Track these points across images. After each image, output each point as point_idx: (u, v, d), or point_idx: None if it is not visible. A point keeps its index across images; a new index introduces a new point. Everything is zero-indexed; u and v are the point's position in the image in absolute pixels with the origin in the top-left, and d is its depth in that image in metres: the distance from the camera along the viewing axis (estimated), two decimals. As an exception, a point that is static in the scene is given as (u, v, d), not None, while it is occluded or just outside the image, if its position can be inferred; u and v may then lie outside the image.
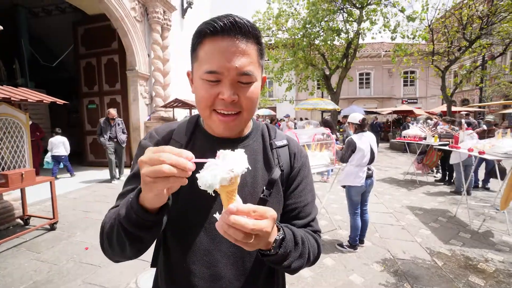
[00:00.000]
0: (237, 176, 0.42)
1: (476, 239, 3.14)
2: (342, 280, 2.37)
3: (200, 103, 0.58)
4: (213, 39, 0.54)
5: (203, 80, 0.56)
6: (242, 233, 0.42)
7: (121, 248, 0.54)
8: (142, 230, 0.50)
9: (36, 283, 2.30)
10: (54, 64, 8.27)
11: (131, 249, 0.54)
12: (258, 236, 0.44)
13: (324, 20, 9.66)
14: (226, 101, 0.55)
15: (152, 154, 0.42)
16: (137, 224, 0.49)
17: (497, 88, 14.48)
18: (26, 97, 3.02)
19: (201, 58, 0.56)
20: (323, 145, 3.42)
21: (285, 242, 0.53)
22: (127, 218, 0.49)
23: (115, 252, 0.57)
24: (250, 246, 0.45)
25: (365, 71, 21.36)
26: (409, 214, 3.99)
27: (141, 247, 0.55)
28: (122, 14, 6.37)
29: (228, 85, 0.54)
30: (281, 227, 0.54)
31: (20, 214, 3.50)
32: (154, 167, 0.40)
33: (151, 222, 0.50)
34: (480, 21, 9.18)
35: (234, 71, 0.54)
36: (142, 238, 0.52)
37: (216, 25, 0.53)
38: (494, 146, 3.35)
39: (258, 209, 0.44)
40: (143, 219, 0.48)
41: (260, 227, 0.43)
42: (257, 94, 0.59)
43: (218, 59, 0.53)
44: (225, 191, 0.43)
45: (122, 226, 0.50)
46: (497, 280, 2.34)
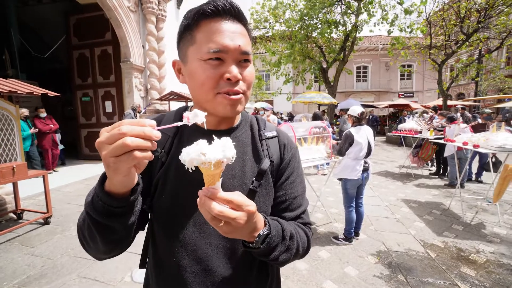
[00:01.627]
0: (218, 163, 0.41)
1: (468, 231, 3.19)
2: (337, 272, 2.40)
3: (203, 86, 0.56)
4: (213, 20, 0.55)
5: (204, 61, 0.55)
6: (210, 215, 0.42)
7: (93, 241, 0.51)
8: (111, 219, 0.47)
9: (29, 277, 2.28)
10: (45, 55, 8.06)
11: (102, 241, 0.50)
12: (230, 224, 0.43)
13: (322, 12, 9.52)
14: (232, 80, 0.54)
15: (110, 132, 0.38)
16: (104, 212, 0.46)
17: (492, 82, 14.57)
18: (15, 88, 2.93)
19: (200, 39, 0.55)
20: (319, 138, 3.41)
21: (270, 238, 0.52)
22: (93, 206, 0.46)
23: (90, 247, 0.53)
24: (225, 233, 0.45)
25: (363, 64, 21.27)
26: (404, 207, 4.03)
27: (114, 238, 0.51)
28: (115, 4, 6.19)
29: (233, 63, 0.55)
30: (268, 223, 0.53)
31: (13, 209, 3.45)
32: (116, 143, 0.36)
33: (121, 209, 0.46)
34: (478, 14, 9.14)
35: (238, 50, 0.55)
36: (113, 228, 0.49)
37: (217, 5, 0.54)
38: (489, 139, 3.37)
39: (234, 201, 0.43)
40: (111, 205, 0.45)
41: (228, 215, 0.42)
42: (254, 75, 0.61)
43: (222, 39, 0.54)
44: (206, 174, 0.43)
45: (89, 216, 0.47)
46: (487, 271, 2.39)
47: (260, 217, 0.51)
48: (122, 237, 0.52)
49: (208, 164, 0.40)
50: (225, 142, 0.43)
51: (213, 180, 0.43)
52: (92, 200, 0.46)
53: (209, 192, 0.42)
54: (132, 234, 0.56)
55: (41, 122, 5.82)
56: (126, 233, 0.52)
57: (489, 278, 2.28)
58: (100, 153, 0.38)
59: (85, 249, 0.55)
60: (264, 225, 0.52)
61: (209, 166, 0.40)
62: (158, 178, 0.62)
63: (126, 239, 0.55)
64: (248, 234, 0.49)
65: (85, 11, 6.99)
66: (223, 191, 0.44)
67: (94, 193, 0.46)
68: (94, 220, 0.47)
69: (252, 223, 0.48)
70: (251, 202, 0.46)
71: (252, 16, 10.98)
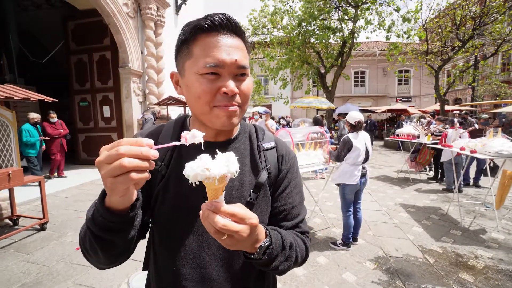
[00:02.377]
0: (223, 177, 0.41)
1: (467, 236, 3.19)
2: (335, 278, 2.38)
3: (200, 99, 0.56)
4: (210, 34, 0.55)
5: (201, 75, 0.55)
6: (214, 229, 0.43)
7: (94, 254, 0.52)
8: (111, 234, 0.48)
9: (24, 285, 2.25)
10: (44, 60, 8.07)
11: (104, 255, 0.51)
12: (233, 237, 0.44)
13: (320, 18, 9.65)
14: (229, 94, 0.55)
15: (109, 151, 0.38)
16: (104, 227, 0.46)
17: (488, 88, 14.75)
18: (12, 94, 2.93)
19: (197, 54, 0.56)
20: (317, 143, 3.42)
21: (271, 249, 0.53)
22: (94, 221, 0.47)
23: (91, 257, 0.54)
24: (228, 245, 0.46)
25: (360, 69, 21.47)
26: (402, 212, 4.03)
27: (115, 252, 0.52)
28: (114, 10, 6.24)
29: (230, 78, 0.56)
30: (269, 233, 0.54)
31: (9, 214, 3.41)
32: (113, 164, 0.37)
33: (121, 224, 0.47)
34: (473, 21, 9.30)
35: (234, 64, 0.55)
36: (113, 243, 0.49)
37: (214, 20, 0.55)
38: (486, 145, 3.39)
39: (237, 214, 0.44)
40: (111, 221, 0.46)
41: (231, 229, 0.42)
42: (251, 88, 0.61)
43: (219, 53, 0.54)
44: (210, 188, 0.43)
45: (90, 230, 0.48)
46: (486, 277, 2.39)
47: (261, 228, 0.52)
48: (123, 250, 0.54)
49: (213, 179, 0.41)
50: (228, 156, 0.43)
51: (216, 194, 0.44)
52: (93, 216, 0.47)
53: (212, 206, 0.43)
54: (132, 246, 0.57)
55: (51, 127, 5.75)
56: (126, 246, 0.53)
57: (488, 284, 2.28)
58: (99, 172, 0.39)
59: (87, 259, 0.56)
60: (265, 236, 0.53)
61: (214, 181, 0.41)
62: (158, 190, 0.63)
63: (126, 252, 0.56)
64: (250, 245, 0.50)
65: (84, 17, 7.03)
66: (226, 205, 0.44)
67: (95, 208, 0.47)
68: (94, 235, 0.48)
69: (254, 235, 0.48)
70: (254, 215, 0.46)
71: (250, 22, 11.11)
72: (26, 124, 5.25)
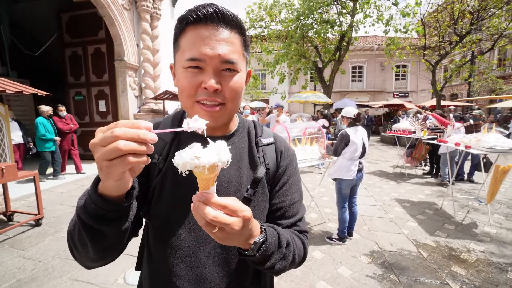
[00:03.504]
0: (213, 167, 0.39)
1: (460, 231, 3.24)
2: (330, 273, 2.41)
3: (183, 93, 0.56)
4: (195, 27, 0.53)
5: (185, 69, 0.54)
6: (204, 221, 0.41)
7: (83, 247, 0.49)
8: (104, 224, 0.45)
9: (19, 281, 2.24)
10: (37, 53, 7.90)
11: (93, 248, 0.48)
12: (224, 230, 0.42)
13: (318, 12, 9.55)
14: (209, 90, 0.53)
15: (104, 133, 0.36)
16: (96, 216, 0.44)
17: (484, 83, 14.82)
18: (3, 88, 2.87)
19: (183, 46, 0.54)
20: (313, 139, 3.42)
21: (266, 246, 0.51)
22: (85, 209, 0.44)
23: (79, 253, 0.51)
24: (219, 239, 0.44)
25: (358, 64, 21.40)
26: (397, 207, 4.08)
27: (105, 245, 0.49)
28: (108, 1, 6.10)
29: (211, 73, 0.53)
30: (264, 229, 0.52)
31: (3, 210, 3.38)
32: (108, 147, 0.35)
33: (114, 213, 0.45)
34: (471, 16, 9.27)
35: (217, 58, 0.52)
36: (105, 234, 0.46)
37: (199, 12, 0.52)
38: (480, 140, 3.42)
39: (229, 206, 0.42)
40: (104, 209, 0.43)
41: (222, 221, 0.40)
42: (241, 84, 0.57)
43: (200, 46, 0.52)
44: (200, 178, 0.42)
45: (81, 220, 0.45)
46: (477, 270, 2.44)
47: (256, 224, 0.50)
48: (114, 243, 0.50)
49: (202, 168, 0.39)
50: (220, 145, 0.42)
51: (207, 185, 0.42)
52: (85, 203, 0.44)
53: (203, 197, 0.41)
54: (124, 241, 0.54)
55: (61, 122, 5.56)
56: (118, 239, 0.50)
57: (479, 277, 2.32)
58: (94, 155, 0.37)
59: (74, 255, 0.53)
60: (260, 232, 0.51)
61: (203, 170, 0.39)
62: (156, 184, 0.61)
63: (117, 246, 0.53)
64: (244, 241, 0.47)
65: (78, 9, 6.87)
66: (217, 196, 0.42)
67: (87, 196, 0.45)
68: (85, 224, 0.45)
69: (248, 230, 0.46)
70: (247, 208, 0.45)
71: (248, 15, 10.96)
72: (40, 118, 5.07)
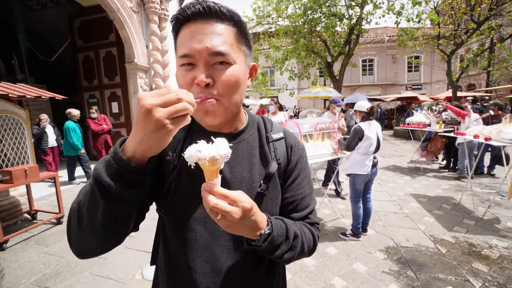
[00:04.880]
0: (213, 159, 0.45)
1: (480, 226, 3.12)
2: (345, 268, 2.39)
3: None
4: (187, 25, 0.54)
5: (179, 67, 0.56)
6: (208, 207, 0.46)
7: (90, 216, 0.47)
8: (124, 185, 0.43)
9: (45, 275, 2.36)
10: (52, 59, 8.19)
11: (104, 215, 0.46)
12: (225, 218, 0.46)
13: (326, 6, 9.36)
14: (200, 85, 0.53)
15: (166, 95, 0.40)
16: (118, 176, 0.43)
17: (505, 72, 14.08)
18: (24, 93, 3.00)
19: (178, 45, 0.56)
20: (325, 134, 3.38)
21: (272, 237, 0.54)
22: (107, 170, 0.43)
23: (82, 227, 0.49)
24: (224, 226, 0.48)
25: (368, 57, 20.85)
26: (412, 202, 3.98)
27: (117, 215, 0.47)
28: (118, 5, 6.22)
29: (202, 67, 0.53)
30: (270, 222, 0.55)
31: (27, 209, 3.56)
32: (176, 106, 0.40)
33: (136, 176, 0.44)
34: (490, 1, 8.81)
35: (206, 51, 0.52)
36: (121, 198, 0.45)
37: (188, 11, 0.53)
38: (501, 132, 3.27)
39: (230, 196, 0.46)
40: (128, 170, 0.42)
41: (222, 208, 0.45)
42: (235, 77, 0.55)
43: (190, 42, 0.53)
44: (205, 170, 0.47)
45: (98, 183, 0.43)
46: (501, 266, 2.34)
47: (262, 217, 0.53)
48: (125, 215, 0.50)
49: (204, 160, 0.45)
50: (220, 141, 0.47)
51: (211, 176, 0.47)
52: (106, 166, 0.43)
53: (207, 186, 0.46)
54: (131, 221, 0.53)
55: (94, 123, 5.54)
56: (130, 210, 0.50)
57: (503, 274, 2.24)
58: (149, 115, 0.38)
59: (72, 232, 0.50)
60: (267, 224, 0.54)
61: (205, 162, 0.45)
62: (171, 180, 0.63)
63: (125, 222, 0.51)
64: (249, 231, 0.51)
65: (89, 14, 7.06)
66: (220, 187, 0.47)
67: (110, 159, 0.44)
68: (104, 188, 0.43)
69: (250, 220, 0.49)
70: (248, 199, 0.48)
71: (254, 12, 10.89)
72: (69, 122, 4.98)
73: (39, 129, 5.13)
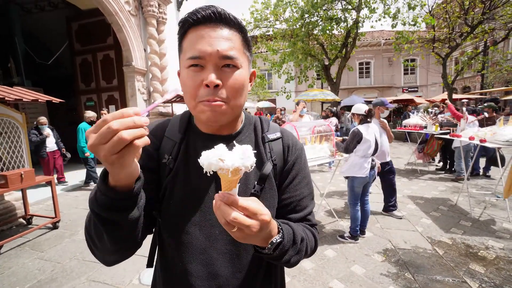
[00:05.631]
0: (236, 170, 0.41)
1: (477, 227, 3.14)
2: (343, 271, 2.39)
3: (186, 94, 0.57)
4: (196, 28, 0.55)
5: (187, 69, 0.56)
6: (224, 220, 0.42)
7: (100, 240, 0.51)
8: (116, 213, 0.46)
9: (40, 282, 2.33)
10: (49, 62, 8.17)
11: (109, 239, 0.49)
12: (243, 231, 0.43)
13: (322, 9, 9.46)
14: (210, 86, 0.53)
15: (98, 132, 0.37)
16: (109, 206, 0.45)
17: (499, 74, 14.29)
18: (20, 96, 2.98)
19: (185, 48, 0.57)
20: (322, 137, 3.39)
21: (282, 245, 0.52)
22: (97, 201, 0.46)
23: (97, 247, 0.53)
24: (238, 238, 0.45)
25: (365, 60, 21.05)
26: (410, 204, 3.99)
27: (120, 235, 0.50)
28: (116, 8, 6.23)
29: (212, 69, 0.54)
30: (281, 229, 0.53)
31: (22, 214, 3.52)
32: (112, 141, 0.36)
33: (124, 202, 0.46)
34: (483, 5, 8.96)
35: (216, 54, 0.54)
36: (119, 223, 0.48)
37: (198, 14, 0.54)
38: (496, 133, 3.31)
39: (250, 208, 0.43)
40: (114, 199, 0.45)
41: (242, 222, 0.42)
42: (242, 81, 0.57)
43: (200, 45, 0.54)
44: (223, 179, 0.43)
45: (94, 213, 0.47)
46: (497, 267, 2.36)
47: (274, 224, 0.51)
48: (128, 234, 0.52)
49: (226, 171, 0.40)
50: (245, 149, 0.43)
51: (230, 186, 0.43)
52: (96, 196, 0.46)
53: (225, 197, 0.42)
54: (139, 233, 0.55)
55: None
56: (132, 228, 0.51)
57: (499, 275, 2.25)
58: (97, 155, 0.38)
59: (93, 252, 0.55)
60: (278, 232, 0.52)
61: (227, 173, 0.41)
62: (167, 183, 0.63)
63: (132, 238, 0.54)
64: (261, 240, 0.49)
65: (86, 17, 7.06)
66: (239, 197, 0.44)
67: (97, 189, 0.46)
68: (99, 216, 0.46)
69: (266, 231, 0.48)
70: (267, 211, 0.45)
71: (252, 15, 10.97)
72: (83, 123, 5.09)
73: (39, 136, 4.95)
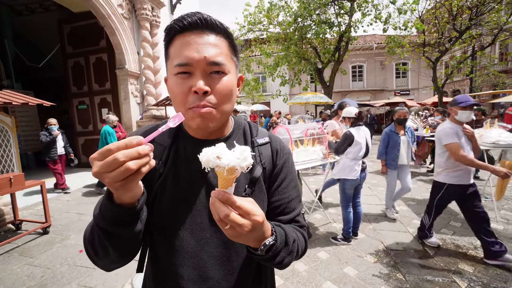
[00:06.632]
0: (232, 169, 0.42)
1: (466, 228, 3.20)
2: (336, 273, 2.41)
3: (175, 100, 0.58)
4: (182, 35, 0.56)
5: (175, 76, 0.56)
6: (218, 217, 0.43)
7: (105, 252, 0.53)
8: (122, 228, 0.49)
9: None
10: (40, 65, 8.04)
11: (114, 250, 0.52)
12: (235, 229, 0.44)
13: (316, 13, 9.61)
14: (199, 93, 0.54)
15: (104, 161, 0.38)
16: (115, 222, 0.48)
17: (486, 78, 14.71)
18: (9, 99, 2.93)
19: (172, 55, 0.57)
20: (315, 139, 3.43)
21: (275, 247, 0.53)
22: (103, 217, 0.48)
23: (100, 257, 0.55)
24: (230, 236, 0.46)
25: (358, 63, 21.40)
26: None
27: (124, 247, 0.54)
28: (108, 12, 6.20)
29: (200, 76, 0.55)
30: (274, 232, 0.54)
31: (11, 219, 3.44)
32: (118, 170, 0.38)
33: (129, 218, 0.49)
34: (470, 11, 9.26)
35: (204, 61, 0.54)
36: (123, 237, 0.51)
37: (185, 21, 0.55)
38: (483, 136, 3.40)
39: (243, 207, 0.44)
40: (121, 215, 0.48)
41: (234, 221, 0.43)
42: (230, 86, 0.59)
43: (187, 51, 0.54)
44: (220, 177, 0.44)
45: (100, 227, 0.50)
46: (485, 267, 2.41)
47: (268, 226, 0.52)
48: (132, 244, 0.55)
49: (222, 169, 0.42)
50: (243, 150, 0.44)
51: (226, 184, 0.44)
52: (101, 212, 0.48)
53: (220, 194, 0.43)
54: (141, 242, 0.58)
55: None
56: (135, 239, 0.54)
57: (487, 274, 2.30)
58: (102, 181, 0.40)
59: (95, 262, 0.57)
60: (271, 234, 0.53)
61: (223, 171, 0.42)
62: (157, 188, 0.64)
63: (135, 245, 0.57)
64: (254, 241, 0.50)
65: (79, 20, 7.00)
66: (234, 196, 0.44)
67: (102, 205, 0.48)
68: (105, 230, 0.49)
69: (259, 232, 0.48)
70: (260, 212, 0.46)
71: (246, 19, 11.06)
72: (107, 126, 4.97)
73: (49, 136, 4.91)
